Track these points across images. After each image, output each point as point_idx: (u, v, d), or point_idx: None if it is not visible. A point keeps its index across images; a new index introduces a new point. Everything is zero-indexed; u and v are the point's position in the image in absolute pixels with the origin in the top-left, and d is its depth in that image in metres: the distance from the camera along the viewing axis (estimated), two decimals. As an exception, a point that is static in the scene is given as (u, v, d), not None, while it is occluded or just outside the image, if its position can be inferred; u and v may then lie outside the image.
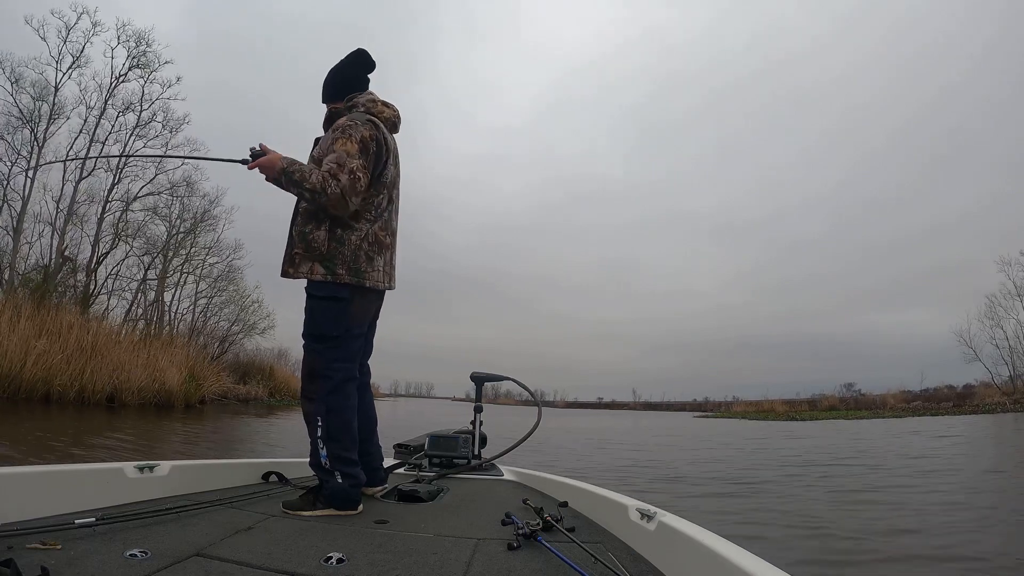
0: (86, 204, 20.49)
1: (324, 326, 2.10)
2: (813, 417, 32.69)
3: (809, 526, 4.61)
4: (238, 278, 25.14)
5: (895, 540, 4.18)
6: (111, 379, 14.37)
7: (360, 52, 2.32)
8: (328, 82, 2.32)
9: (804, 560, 3.68)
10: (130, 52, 20.62)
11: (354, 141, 2.06)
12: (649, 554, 1.56)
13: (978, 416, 24.39)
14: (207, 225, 23.32)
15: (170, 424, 12.43)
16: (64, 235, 19.64)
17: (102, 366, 14.24)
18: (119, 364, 14.68)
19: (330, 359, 2.09)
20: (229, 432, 12.37)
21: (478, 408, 3.43)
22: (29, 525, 1.41)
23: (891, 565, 3.65)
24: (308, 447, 2.11)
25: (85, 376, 13.88)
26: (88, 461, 3.44)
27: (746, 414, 43.05)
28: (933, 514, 4.99)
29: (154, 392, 15.34)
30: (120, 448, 7.91)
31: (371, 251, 2.14)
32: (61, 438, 8.16)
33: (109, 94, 20.50)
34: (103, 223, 20.72)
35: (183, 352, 17.72)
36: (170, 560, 1.33)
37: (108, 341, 15.24)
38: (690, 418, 43.75)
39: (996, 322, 29.94)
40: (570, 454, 11.08)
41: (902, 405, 34.33)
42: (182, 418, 13.98)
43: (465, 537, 1.75)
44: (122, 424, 11.17)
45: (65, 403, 13.33)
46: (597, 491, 2.18)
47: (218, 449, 9.36)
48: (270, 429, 13.96)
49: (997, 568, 3.47)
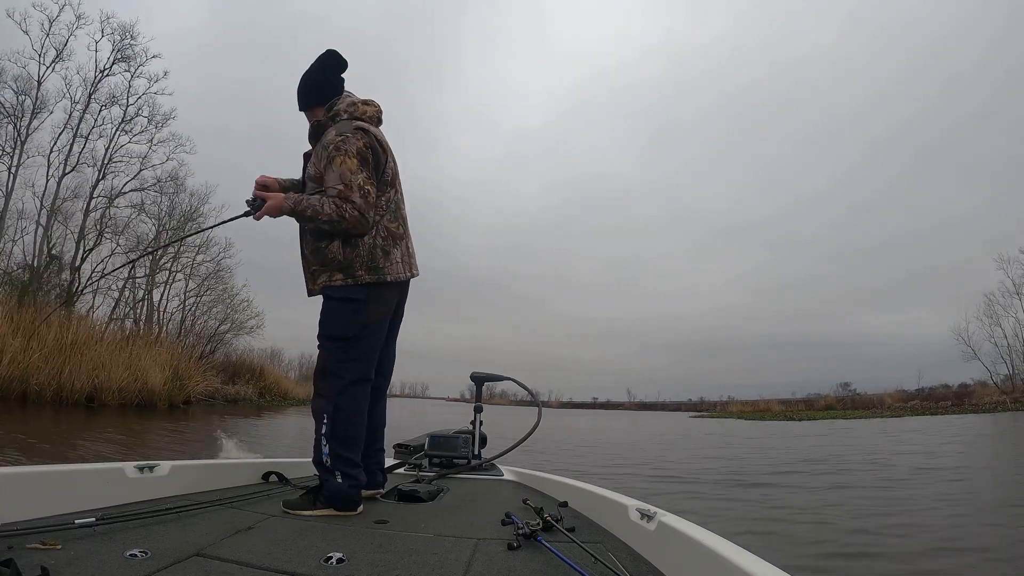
0: (71, 200, 20.14)
1: (339, 326, 2.11)
2: (811, 417, 32.37)
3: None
4: (227, 276, 24.79)
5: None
6: (90, 378, 13.95)
7: (331, 53, 2.25)
8: (303, 90, 2.26)
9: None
10: (115, 45, 20.23)
11: (351, 156, 2.03)
12: (649, 554, 1.56)
13: (980, 416, 24.10)
14: (195, 224, 22.91)
15: (142, 424, 12.03)
16: (51, 232, 19.28)
17: (81, 365, 13.83)
18: (99, 363, 14.26)
19: (343, 358, 2.10)
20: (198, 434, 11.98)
21: (478, 408, 3.43)
22: (29, 525, 1.41)
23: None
24: (305, 448, 2.13)
25: (63, 375, 13.47)
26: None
27: (742, 414, 42.74)
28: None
29: (135, 392, 14.91)
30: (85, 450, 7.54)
31: (386, 245, 2.15)
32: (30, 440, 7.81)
33: (93, 88, 20.10)
34: (88, 219, 20.33)
35: (168, 351, 17.27)
36: (170, 560, 1.33)
37: (89, 339, 14.82)
38: (686, 418, 43.42)
39: (995, 320, 29.86)
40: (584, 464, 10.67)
41: (900, 404, 34.03)
42: (161, 419, 13.57)
43: (465, 537, 1.75)
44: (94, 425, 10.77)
45: (42, 403, 12.93)
46: (597, 491, 2.18)
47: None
48: (253, 430, 13.56)
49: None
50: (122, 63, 20.41)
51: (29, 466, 1.71)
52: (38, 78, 19.35)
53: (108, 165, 20.50)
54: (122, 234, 20.74)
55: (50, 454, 7.06)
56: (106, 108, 20.34)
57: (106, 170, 20.50)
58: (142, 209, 21.41)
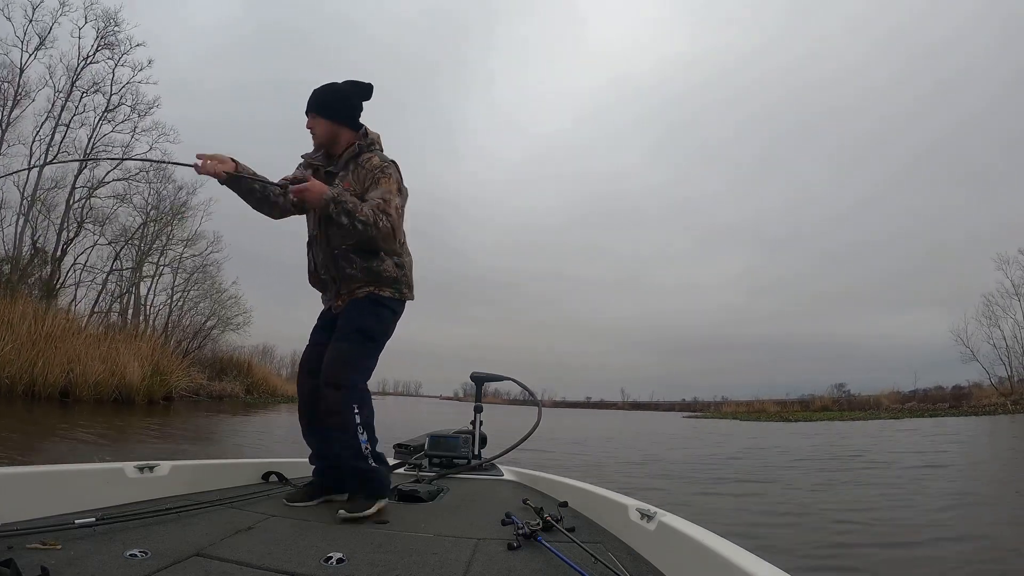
0: (53, 190, 19.60)
1: (377, 328, 2.18)
2: (807, 418, 32.01)
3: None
4: (213, 271, 24.28)
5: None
6: (64, 372, 13.46)
7: (370, 86, 2.32)
8: (336, 101, 2.27)
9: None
10: (99, 32, 19.70)
11: (394, 182, 2.15)
12: (649, 554, 1.57)
13: (980, 418, 23.64)
14: (181, 218, 22.40)
15: (110, 420, 11.54)
16: (35, 223, 18.77)
17: (55, 358, 13.33)
18: (74, 356, 13.76)
19: (368, 356, 2.17)
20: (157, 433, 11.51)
21: (478, 408, 3.45)
22: (29, 525, 1.41)
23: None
24: (302, 448, 2.17)
25: (36, 369, 12.97)
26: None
27: (737, 414, 42.37)
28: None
29: (112, 387, 14.40)
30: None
31: (411, 271, 2.33)
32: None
33: (76, 76, 19.56)
34: (70, 210, 19.79)
35: (149, 345, 16.75)
36: (170, 560, 1.33)
37: (65, 332, 14.31)
38: (679, 418, 43.00)
39: (993, 321, 29.54)
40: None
41: (897, 406, 33.68)
42: (134, 415, 13.05)
43: (465, 537, 1.75)
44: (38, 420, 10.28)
45: (13, 397, 12.44)
46: (597, 491, 2.19)
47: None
48: (237, 429, 13.09)
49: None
50: (106, 50, 19.89)
51: (29, 466, 1.71)
52: (20, 66, 18.86)
53: (90, 154, 19.95)
54: (105, 225, 20.21)
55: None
56: (88, 95, 19.80)
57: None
58: (125, 199, 20.87)
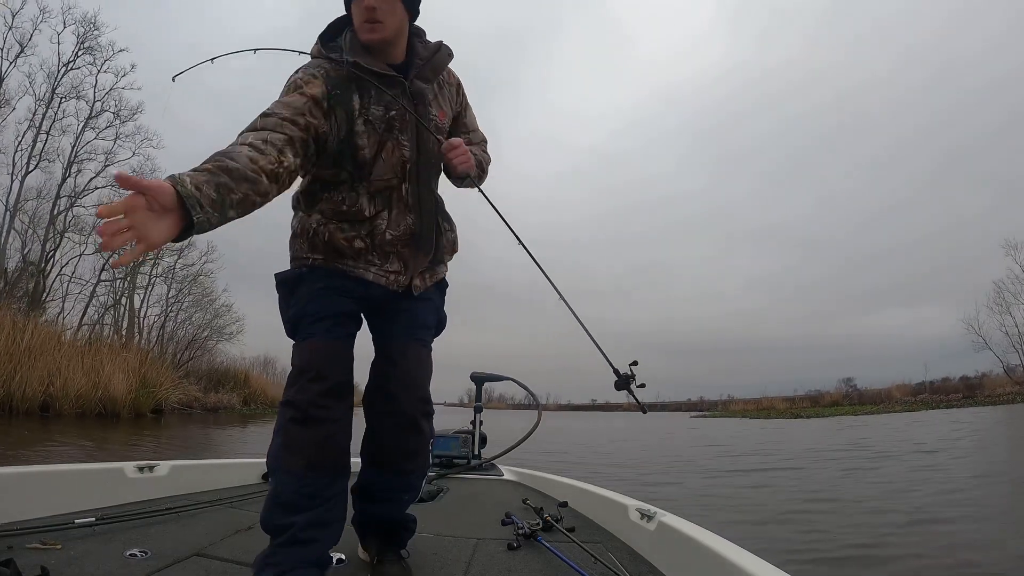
0: (36, 200, 19.12)
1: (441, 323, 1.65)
2: (817, 414, 31.31)
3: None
4: (205, 281, 23.83)
5: None
6: (44, 385, 12.86)
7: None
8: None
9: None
10: (79, 37, 19.24)
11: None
12: (649, 554, 1.58)
13: (996, 408, 22.94)
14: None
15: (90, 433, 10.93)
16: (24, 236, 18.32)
17: (34, 371, 12.74)
18: (55, 369, 13.16)
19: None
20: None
21: (478, 408, 3.44)
22: (29, 525, 1.43)
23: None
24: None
25: (13, 383, 12.39)
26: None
27: (746, 412, 41.66)
28: None
29: (95, 400, 13.79)
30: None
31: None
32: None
33: (56, 82, 19.09)
34: (54, 220, 19.30)
35: (136, 357, 16.14)
36: (170, 560, 1.35)
37: (45, 345, 13.71)
38: (687, 418, 42.30)
39: (1004, 309, 28.90)
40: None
41: (909, 398, 32.99)
42: (112, 430, 12.43)
43: (465, 537, 1.77)
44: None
45: (-10, 413, 11.88)
46: (597, 491, 2.20)
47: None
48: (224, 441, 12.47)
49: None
50: (87, 55, 19.42)
51: (29, 466, 1.69)
52: (0, 75, 18.43)
53: (74, 163, 19.49)
54: (90, 235, 19.65)
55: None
56: (67, 101, 19.32)
57: (72, 168, 19.50)
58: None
